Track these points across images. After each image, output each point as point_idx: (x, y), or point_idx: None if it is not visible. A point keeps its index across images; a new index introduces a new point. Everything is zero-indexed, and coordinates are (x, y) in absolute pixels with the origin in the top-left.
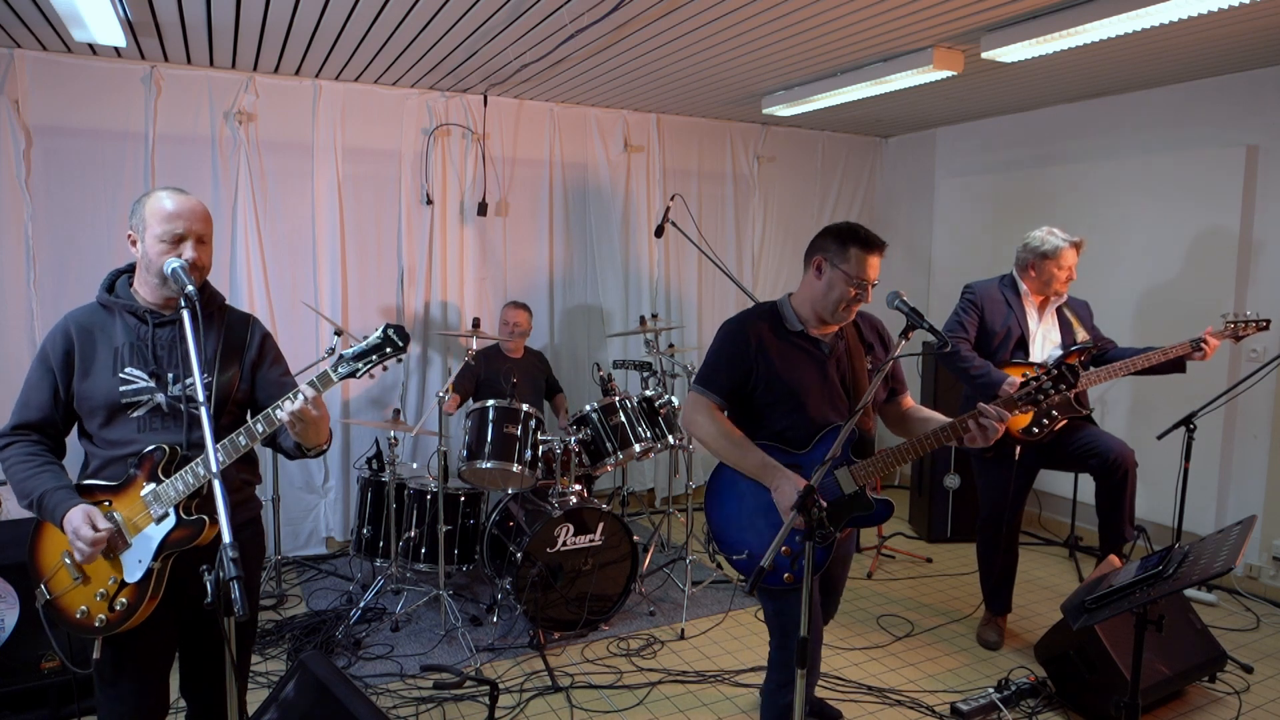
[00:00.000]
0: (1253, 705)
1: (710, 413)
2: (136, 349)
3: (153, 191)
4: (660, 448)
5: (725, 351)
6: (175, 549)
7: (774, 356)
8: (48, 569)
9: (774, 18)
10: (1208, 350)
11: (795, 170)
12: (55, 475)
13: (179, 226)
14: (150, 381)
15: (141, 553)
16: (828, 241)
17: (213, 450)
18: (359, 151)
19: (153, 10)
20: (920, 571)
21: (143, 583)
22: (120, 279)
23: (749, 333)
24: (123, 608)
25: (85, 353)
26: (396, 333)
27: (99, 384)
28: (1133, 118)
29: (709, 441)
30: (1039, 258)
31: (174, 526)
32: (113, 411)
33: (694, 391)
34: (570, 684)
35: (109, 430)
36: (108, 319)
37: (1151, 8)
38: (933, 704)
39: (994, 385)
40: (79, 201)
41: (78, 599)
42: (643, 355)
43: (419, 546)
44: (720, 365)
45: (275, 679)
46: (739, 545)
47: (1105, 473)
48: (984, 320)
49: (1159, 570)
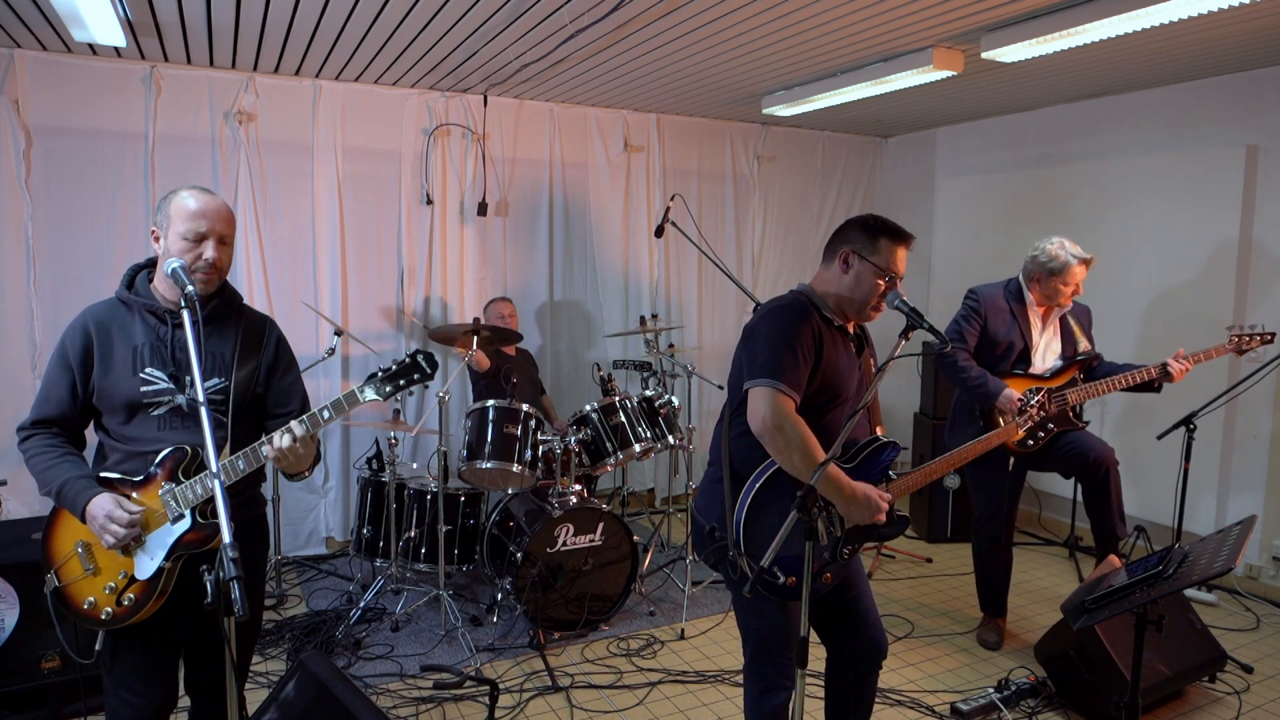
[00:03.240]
0: (1253, 705)
1: (796, 416)
2: (156, 349)
3: (179, 189)
4: (660, 448)
5: (795, 338)
6: (188, 550)
7: (828, 349)
8: (60, 556)
9: (774, 18)
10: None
11: (795, 170)
12: (76, 465)
13: (202, 225)
14: (170, 383)
15: (154, 550)
16: (855, 233)
17: (213, 450)
18: (359, 151)
19: (153, 10)
20: (920, 571)
21: (152, 580)
22: (141, 274)
23: (811, 320)
24: (130, 603)
25: (105, 350)
26: (426, 359)
27: (120, 383)
28: (1133, 118)
29: (794, 453)
30: (1046, 274)
31: (189, 528)
32: (133, 410)
33: (765, 387)
34: (570, 684)
35: (130, 428)
36: (127, 316)
37: (1151, 8)
38: (933, 704)
39: (991, 396)
40: (79, 201)
41: (86, 589)
42: (643, 355)
43: (419, 546)
44: (794, 353)
45: (275, 679)
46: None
47: (1087, 474)
48: (986, 328)
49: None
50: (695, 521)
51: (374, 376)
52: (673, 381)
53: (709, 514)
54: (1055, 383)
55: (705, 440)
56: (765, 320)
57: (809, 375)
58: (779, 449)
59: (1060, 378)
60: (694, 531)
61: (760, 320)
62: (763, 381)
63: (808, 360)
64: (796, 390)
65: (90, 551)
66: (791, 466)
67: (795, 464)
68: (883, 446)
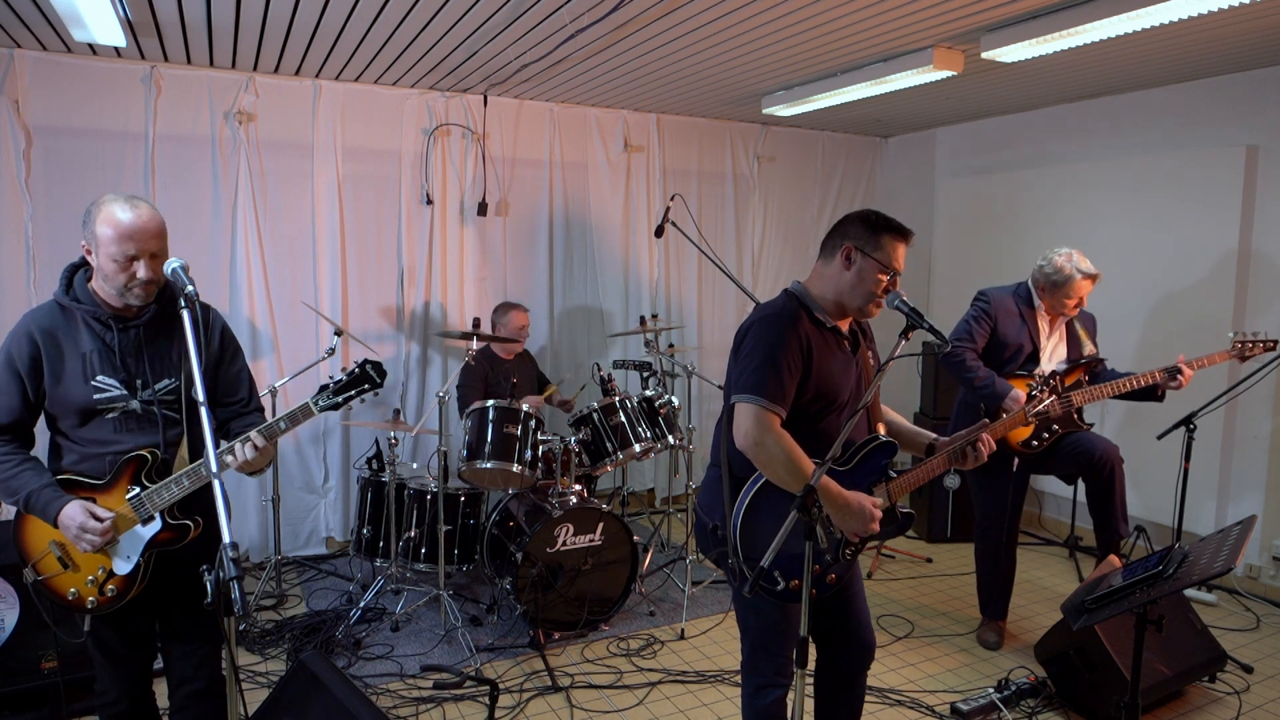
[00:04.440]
0: (1253, 705)
1: (780, 431)
2: (105, 356)
3: (104, 203)
4: (660, 448)
5: (780, 351)
6: (161, 548)
7: (819, 355)
8: (34, 554)
9: (774, 18)
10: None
11: (795, 170)
12: (37, 473)
13: (130, 249)
14: (122, 389)
15: (129, 550)
16: (856, 228)
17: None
18: (359, 151)
19: (153, 10)
20: (920, 571)
21: (131, 574)
22: (78, 274)
23: (798, 329)
24: (113, 593)
25: (52, 358)
26: (375, 369)
27: (72, 391)
28: (1133, 118)
29: (778, 467)
30: (1050, 285)
31: (160, 529)
32: (87, 415)
33: (748, 404)
34: (570, 684)
35: (85, 430)
36: (69, 322)
37: (1151, 8)
38: (933, 704)
39: (998, 397)
40: (79, 201)
41: (68, 583)
42: (643, 355)
43: (419, 546)
44: (778, 369)
45: (275, 679)
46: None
47: (1092, 472)
48: (996, 331)
49: (1159, 570)
50: (698, 518)
51: (325, 388)
52: (673, 381)
53: (712, 511)
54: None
55: (705, 440)
56: (752, 331)
57: (800, 384)
58: (762, 464)
59: (1066, 379)
60: (697, 528)
61: (748, 331)
62: (746, 397)
63: (794, 372)
64: (781, 405)
65: (66, 550)
66: (778, 479)
67: (781, 477)
68: (880, 447)
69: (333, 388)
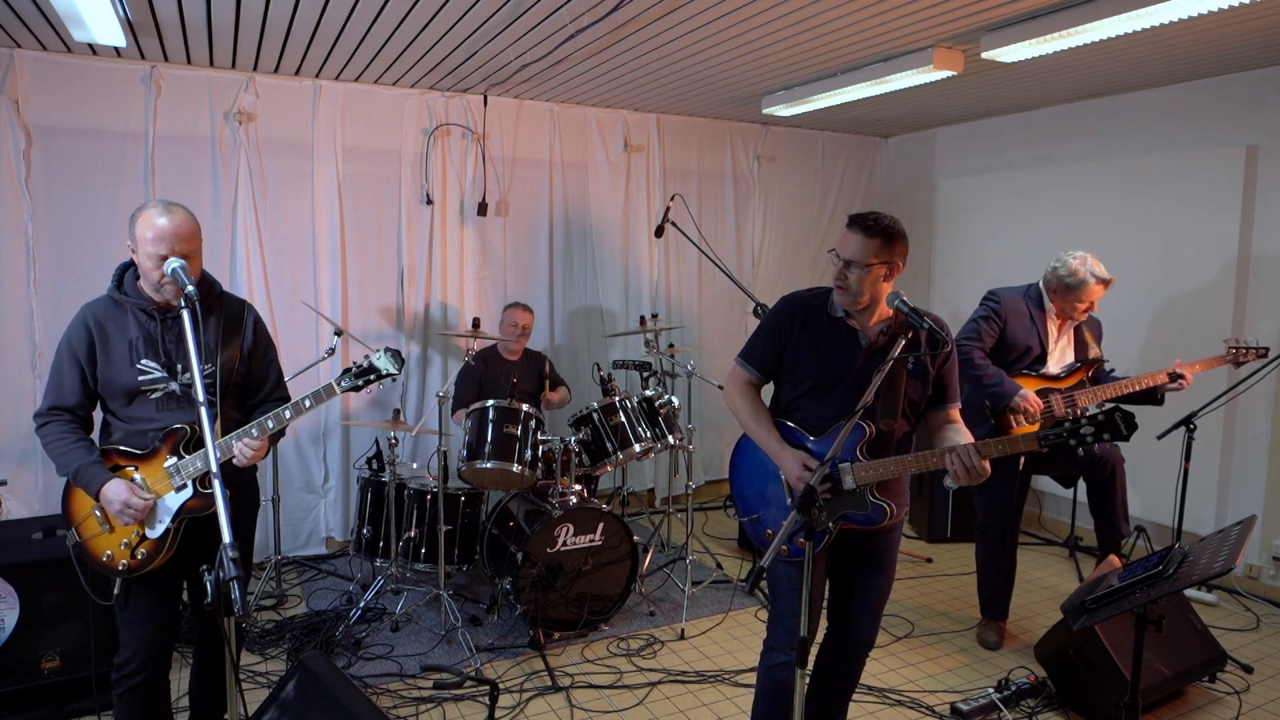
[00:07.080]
0: (1253, 705)
1: (741, 387)
2: (149, 343)
3: (145, 208)
4: (660, 448)
5: (767, 326)
6: (190, 514)
7: (812, 340)
8: (79, 515)
9: (774, 18)
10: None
11: (795, 170)
12: (88, 450)
13: (164, 249)
14: (164, 372)
15: (162, 515)
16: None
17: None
18: (359, 151)
19: (153, 10)
20: (920, 571)
21: (161, 538)
22: (128, 272)
23: (796, 311)
24: (143, 556)
25: (104, 344)
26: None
27: (119, 373)
28: (1133, 118)
29: (736, 414)
30: (1063, 288)
31: (191, 496)
32: (132, 395)
33: (735, 363)
34: (570, 684)
35: (131, 409)
36: (120, 313)
37: (1151, 8)
38: (933, 704)
39: (1006, 396)
40: (79, 201)
41: (104, 544)
42: (643, 355)
43: (419, 546)
44: (760, 340)
45: (275, 679)
46: (752, 508)
47: (1093, 472)
48: (1006, 332)
49: (1159, 570)
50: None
51: (348, 371)
52: (673, 381)
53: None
54: (1065, 384)
55: (705, 440)
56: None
57: (781, 358)
58: (731, 410)
59: (1070, 379)
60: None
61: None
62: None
63: (774, 342)
64: (754, 366)
65: (105, 513)
66: (741, 425)
67: (743, 423)
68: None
69: (355, 370)
